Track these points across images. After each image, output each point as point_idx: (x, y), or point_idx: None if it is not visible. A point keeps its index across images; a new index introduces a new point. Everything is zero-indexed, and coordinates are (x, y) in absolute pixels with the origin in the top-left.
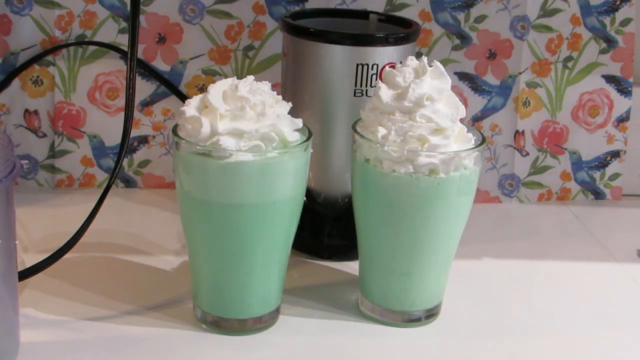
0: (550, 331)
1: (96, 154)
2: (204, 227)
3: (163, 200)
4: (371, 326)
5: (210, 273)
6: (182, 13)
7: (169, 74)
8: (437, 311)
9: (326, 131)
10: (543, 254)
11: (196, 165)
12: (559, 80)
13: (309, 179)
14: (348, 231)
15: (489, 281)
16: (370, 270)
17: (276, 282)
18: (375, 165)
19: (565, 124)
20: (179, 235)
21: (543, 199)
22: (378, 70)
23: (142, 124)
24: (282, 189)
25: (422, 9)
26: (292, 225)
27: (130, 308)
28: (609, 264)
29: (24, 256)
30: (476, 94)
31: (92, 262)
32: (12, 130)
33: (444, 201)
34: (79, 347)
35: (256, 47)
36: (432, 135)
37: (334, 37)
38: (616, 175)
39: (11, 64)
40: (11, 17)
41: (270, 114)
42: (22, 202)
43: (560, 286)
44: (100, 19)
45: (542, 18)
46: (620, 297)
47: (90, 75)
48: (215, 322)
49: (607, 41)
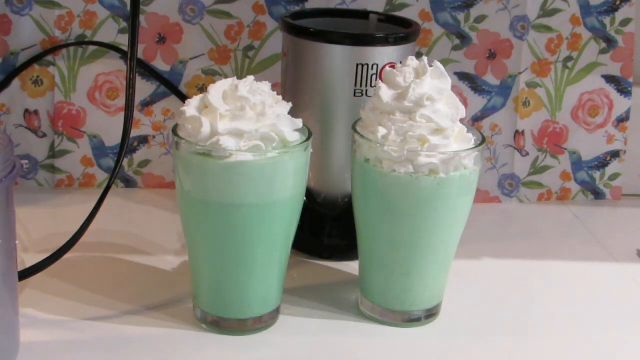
0: (550, 331)
1: (96, 154)
2: (204, 227)
3: (163, 200)
4: (371, 326)
5: (210, 273)
6: (182, 13)
7: (169, 74)
8: (437, 311)
9: (326, 131)
10: (543, 254)
11: (196, 165)
12: (559, 80)
13: (309, 179)
14: (348, 231)
15: (489, 281)
16: (370, 270)
17: (276, 282)
18: (375, 165)
19: (565, 124)
20: (179, 235)
21: (543, 199)
22: (378, 70)
23: (142, 124)
24: (282, 189)
25: (422, 9)
26: (292, 225)
27: (130, 308)
28: (609, 264)
29: (24, 256)
30: (476, 94)
31: (92, 262)
32: (12, 130)
33: (444, 201)
34: (79, 347)
35: (256, 47)
36: (432, 136)
37: (334, 37)
38: (616, 175)
39: (11, 64)
40: (11, 17)
41: (270, 114)
42: (22, 202)
43: (560, 286)
44: (100, 19)
45: (542, 18)
46: (620, 297)
47: (90, 75)
48: (215, 322)
49: (607, 41)
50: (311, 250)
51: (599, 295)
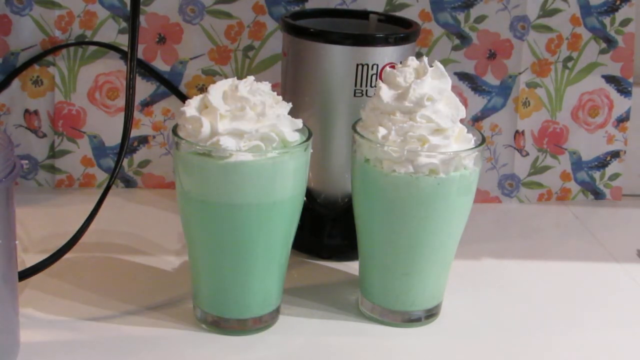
0: (550, 331)
1: (96, 154)
2: (204, 227)
3: (163, 200)
4: (371, 326)
5: (210, 273)
6: (182, 13)
7: (169, 74)
8: (437, 311)
9: (326, 131)
10: (543, 254)
11: (196, 165)
12: (558, 81)
13: (309, 179)
14: (348, 231)
15: (489, 281)
16: (370, 270)
17: (276, 282)
18: (375, 165)
19: (565, 124)
20: (179, 235)
21: (543, 199)
22: (378, 70)
23: (142, 124)
24: (282, 189)
25: (422, 9)
26: (292, 225)
27: (130, 308)
28: (609, 264)
29: (24, 256)
30: (476, 94)
31: (92, 262)
32: (12, 130)
33: (444, 201)
34: (79, 347)
35: (256, 47)
36: (433, 136)
37: (334, 37)
38: (616, 175)
39: (11, 64)
40: (11, 17)
41: (270, 114)
42: (22, 202)
43: (560, 286)
44: (100, 19)
45: (542, 18)
46: (620, 297)
47: (90, 75)
48: (215, 322)
49: (607, 41)
50: (311, 250)
51: (599, 295)
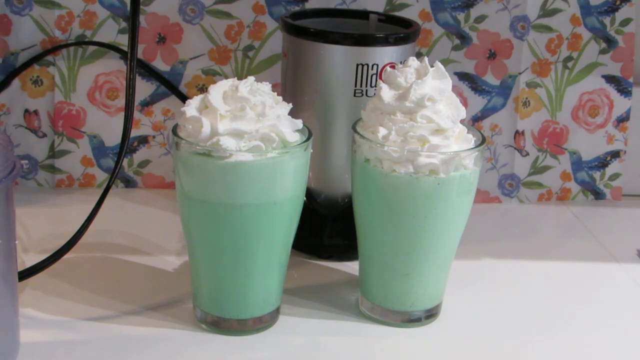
0: (550, 331)
1: (96, 154)
2: (204, 227)
3: (163, 200)
4: (371, 326)
5: (210, 273)
6: (182, 13)
7: (169, 74)
8: (437, 311)
9: (326, 131)
10: (543, 254)
11: (196, 166)
12: (559, 80)
13: (309, 179)
14: (348, 231)
15: (489, 281)
16: (370, 270)
17: (276, 282)
18: (375, 165)
19: (565, 124)
20: (179, 235)
21: (543, 199)
22: (378, 70)
23: (142, 124)
24: (282, 189)
25: (422, 9)
26: (292, 225)
27: (130, 308)
28: (609, 264)
29: (24, 256)
30: (476, 94)
31: (92, 262)
32: (12, 130)
33: (444, 201)
34: (79, 347)
35: (256, 47)
36: (433, 136)
37: (334, 37)
38: (616, 175)
39: (11, 64)
40: (11, 17)
41: (270, 114)
42: (22, 202)
43: (560, 286)
44: (100, 19)
45: (542, 18)
46: (620, 297)
47: (90, 75)
48: (215, 322)
49: (607, 41)
50: (311, 250)
51: (598, 295)
